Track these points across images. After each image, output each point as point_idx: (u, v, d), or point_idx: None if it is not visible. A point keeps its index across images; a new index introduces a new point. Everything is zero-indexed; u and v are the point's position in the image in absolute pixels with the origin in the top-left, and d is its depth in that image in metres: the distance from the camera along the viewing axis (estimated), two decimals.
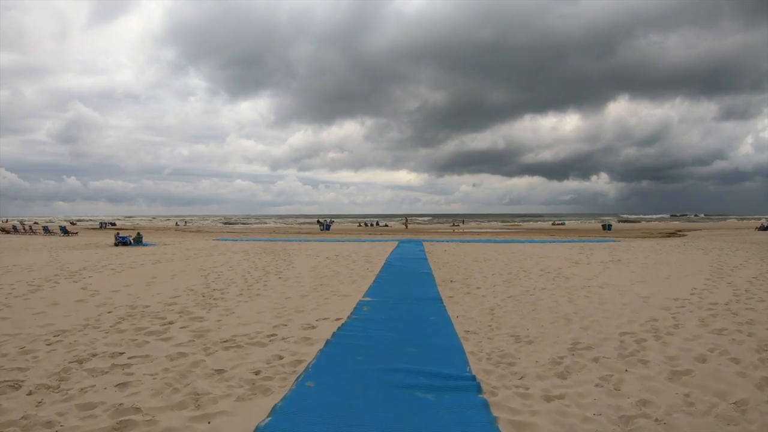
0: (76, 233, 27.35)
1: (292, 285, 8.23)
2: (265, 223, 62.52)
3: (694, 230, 32.86)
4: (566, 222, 57.60)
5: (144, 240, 19.03)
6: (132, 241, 17.80)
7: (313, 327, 5.08)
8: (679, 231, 31.59)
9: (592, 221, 59.76)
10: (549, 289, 7.80)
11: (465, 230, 36.58)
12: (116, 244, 17.19)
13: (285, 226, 51.65)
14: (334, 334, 4.70)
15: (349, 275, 9.43)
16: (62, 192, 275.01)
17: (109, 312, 6.07)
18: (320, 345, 4.38)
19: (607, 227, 34.58)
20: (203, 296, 7.10)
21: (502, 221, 65.72)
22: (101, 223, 46.75)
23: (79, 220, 65.92)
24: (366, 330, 4.92)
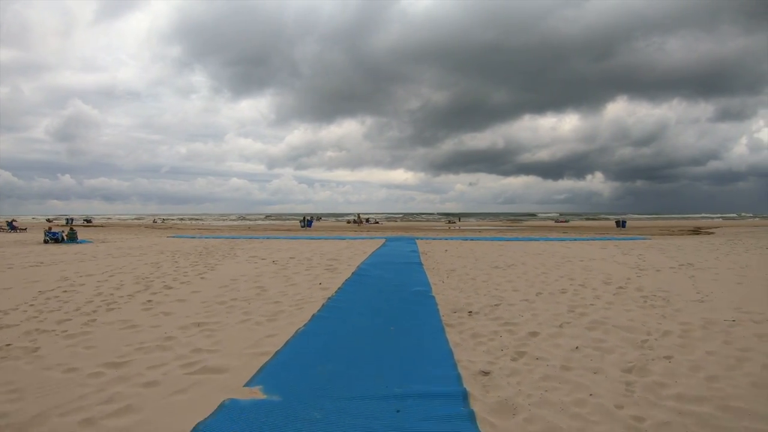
0: (24, 230, 24.83)
1: (140, 325, 3.95)
2: (271, 219, 58.36)
3: (716, 227, 29.62)
4: (569, 219, 54.10)
5: (81, 237, 16.68)
6: (64, 237, 15.35)
7: None
8: (699, 228, 28.34)
9: (583, 220, 55.80)
10: (676, 332, 3.74)
11: (463, 228, 32.49)
12: (45, 242, 14.94)
13: (264, 222, 47.67)
14: None
15: (277, 299, 5.20)
16: (56, 190, 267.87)
17: None
18: None
19: (621, 224, 31.60)
20: None
21: (503, 219, 61.56)
22: (67, 219, 42.31)
23: (54, 218, 60.90)
24: None
